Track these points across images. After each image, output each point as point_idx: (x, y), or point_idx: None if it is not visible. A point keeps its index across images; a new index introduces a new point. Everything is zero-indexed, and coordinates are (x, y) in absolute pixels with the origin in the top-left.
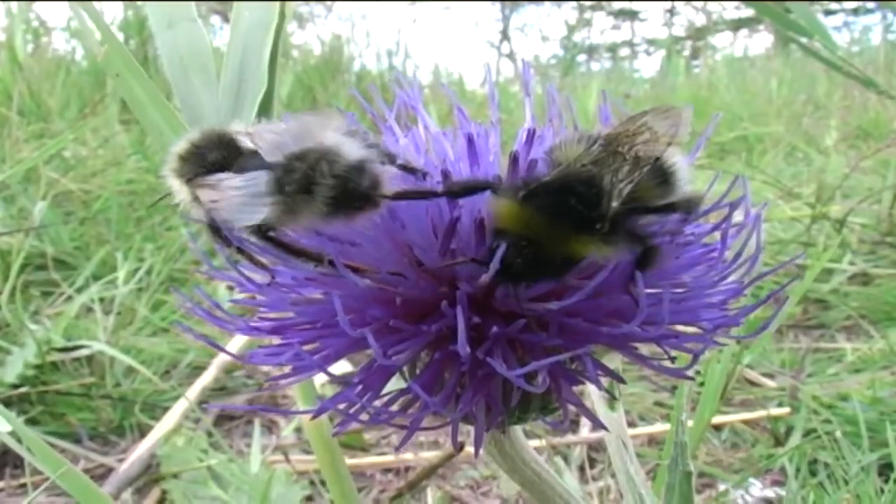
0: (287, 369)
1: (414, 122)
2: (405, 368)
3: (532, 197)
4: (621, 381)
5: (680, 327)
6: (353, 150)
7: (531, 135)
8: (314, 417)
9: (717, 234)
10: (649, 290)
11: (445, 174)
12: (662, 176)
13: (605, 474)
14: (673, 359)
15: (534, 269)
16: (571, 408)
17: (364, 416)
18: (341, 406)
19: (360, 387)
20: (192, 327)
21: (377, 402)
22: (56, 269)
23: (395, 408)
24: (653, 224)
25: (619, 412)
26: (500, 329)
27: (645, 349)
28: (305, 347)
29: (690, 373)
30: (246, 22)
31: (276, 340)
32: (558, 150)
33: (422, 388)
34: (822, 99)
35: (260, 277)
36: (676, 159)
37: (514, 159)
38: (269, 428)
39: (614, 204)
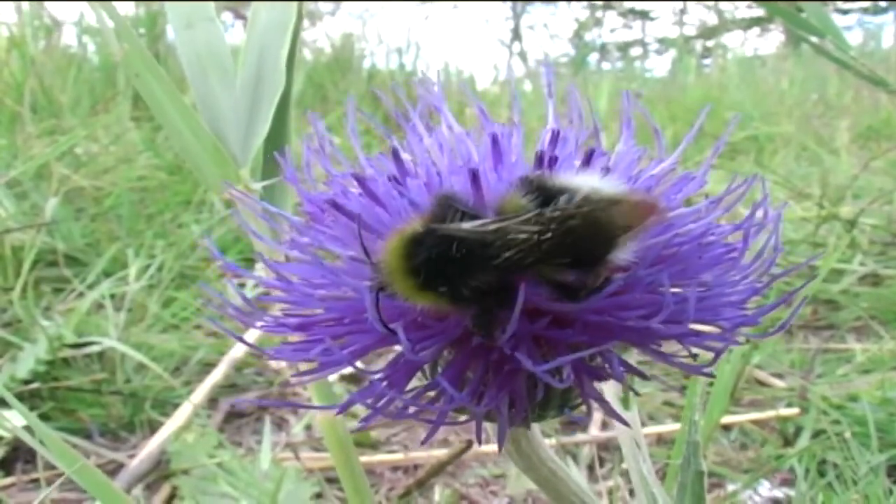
0: (309, 366)
1: (434, 121)
2: (426, 367)
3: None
4: (643, 376)
5: (698, 326)
6: None
7: (555, 136)
8: (339, 413)
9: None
10: (673, 290)
11: (474, 174)
12: None
13: (615, 473)
14: (695, 356)
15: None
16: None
17: (391, 411)
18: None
19: (385, 382)
20: (212, 319)
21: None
22: (67, 265)
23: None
24: None
25: (634, 411)
26: (526, 325)
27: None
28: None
29: (709, 369)
30: (263, 22)
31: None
32: None
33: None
34: (834, 99)
35: (286, 273)
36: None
37: (539, 158)
38: (279, 425)
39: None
